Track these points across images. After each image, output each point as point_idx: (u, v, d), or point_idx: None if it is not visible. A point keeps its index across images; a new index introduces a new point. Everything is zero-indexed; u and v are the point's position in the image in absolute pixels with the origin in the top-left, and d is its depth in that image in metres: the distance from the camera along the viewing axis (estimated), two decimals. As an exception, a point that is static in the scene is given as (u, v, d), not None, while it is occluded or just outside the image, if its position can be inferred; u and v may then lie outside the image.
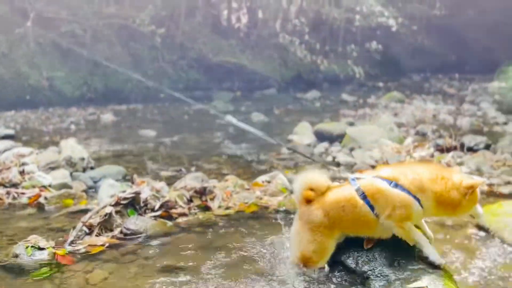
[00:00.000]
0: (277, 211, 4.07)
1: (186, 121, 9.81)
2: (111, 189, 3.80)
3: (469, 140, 6.52)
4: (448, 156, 5.49)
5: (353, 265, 2.75)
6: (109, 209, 3.40)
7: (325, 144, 6.83)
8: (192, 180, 4.26)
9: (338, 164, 5.79)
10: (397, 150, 5.63)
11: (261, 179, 4.77)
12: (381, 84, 20.33)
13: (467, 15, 25.51)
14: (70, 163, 4.96)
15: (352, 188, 2.75)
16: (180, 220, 3.76)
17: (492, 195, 4.50)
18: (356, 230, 2.78)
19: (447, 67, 24.31)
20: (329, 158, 6.17)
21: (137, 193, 3.62)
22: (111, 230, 3.42)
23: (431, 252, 2.65)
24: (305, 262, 2.77)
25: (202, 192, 4.03)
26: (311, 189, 2.82)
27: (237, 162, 6.17)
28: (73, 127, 8.64)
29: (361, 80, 21.50)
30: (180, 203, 3.81)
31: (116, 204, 3.52)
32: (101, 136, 7.72)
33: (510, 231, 3.34)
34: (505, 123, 8.93)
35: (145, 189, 3.74)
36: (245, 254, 3.31)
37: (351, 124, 7.84)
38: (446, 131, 8.07)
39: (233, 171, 5.59)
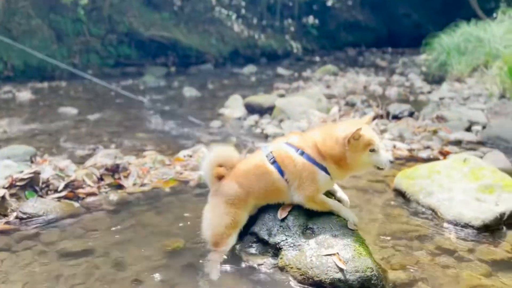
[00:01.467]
0: (197, 186, 3.88)
1: (112, 97, 9.27)
2: (6, 170, 3.39)
3: (395, 108, 6.65)
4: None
5: (266, 236, 2.63)
6: (1, 192, 3.03)
7: (255, 117, 6.68)
8: (104, 157, 3.94)
9: (266, 136, 5.67)
10: (323, 119, 5.59)
11: (183, 153, 4.55)
12: (317, 59, 20.59)
13: (399, -11, 26.22)
14: (-33, 144, 4.43)
15: (263, 154, 2.66)
16: (88, 200, 3.46)
17: (412, 159, 4.58)
18: (269, 197, 2.70)
19: (381, 42, 25.10)
20: (258, 130, 6.04)
21: (36, 173, 3.26)
22: (5, 216, 3.06)
23: (348, 215, 2.60)
24: (216, 240, 2.64)
25: (114, 170, 3.74)
26: (221, 166, 2.72)
27: (162, 138, 5.86)
28: (-20, 106, 7.88)
29: (298, 55, 21.64)
30: (88, 182, 3.49)
31: (11, 186, 3.15)
32: (14, 115, 7.07)
33: (425, 193, 3.37)
34: (429, 92, 9.26)
35: (47, 168, 3.39)
36: (159, 232, 3.10)
37: (282, 96, 7.73)
38: (375, 101, 8.22)
39: (157, 147, 5.30)
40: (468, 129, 5.63)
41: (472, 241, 2.91)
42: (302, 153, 2.55)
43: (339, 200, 2.77)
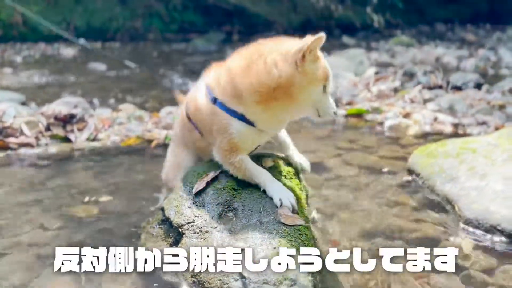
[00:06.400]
0: (158, 146, 3.19)
1: (153, 58, 8.87)
2: None
3: (457, 78, 5.36)
4: (414, 91, 4.39)
5: (172, 215, 1.85)
6: None
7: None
8: (61, 105, 3.37)
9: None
10: (353, 83, 4.56)
11: (166, 110, 3.87)
12: (398, 33, 18.76)
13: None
14: (-49, 87, 4.16)
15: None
16: (21, 151, 2.92)
17: (455, 136, 3.45)
18: (198, 150, 2.07)
19: (478, 18, 22.24)
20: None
21: (-41, 115, 2.78)
22: None
23: (275, 192, 1.73)
24: (166, 180, 2.26)
25: (66, 120, 3.16)
26: None
27: (172, 96, 5.25)
28: (19, 59, 7.84)
29: (379, 29, 19.91)
30: (26, 131, 2.95)
31: None
32: (44, 68, 6.89)
33: (445, 177, 2.33)
34: (516, 66, 7.62)
35: (-23, 110, 2.89)
36: (79, 196, 2.48)
37: (323, 59, 6.71)
38: (438, 71, 6.89)
39: (157, 103, 4.72)
40: (551, 106, 4.27)
41: (498, 255, 1.89)
42: (215, 101, 1.74)
43: (293, 165, 1.94)
